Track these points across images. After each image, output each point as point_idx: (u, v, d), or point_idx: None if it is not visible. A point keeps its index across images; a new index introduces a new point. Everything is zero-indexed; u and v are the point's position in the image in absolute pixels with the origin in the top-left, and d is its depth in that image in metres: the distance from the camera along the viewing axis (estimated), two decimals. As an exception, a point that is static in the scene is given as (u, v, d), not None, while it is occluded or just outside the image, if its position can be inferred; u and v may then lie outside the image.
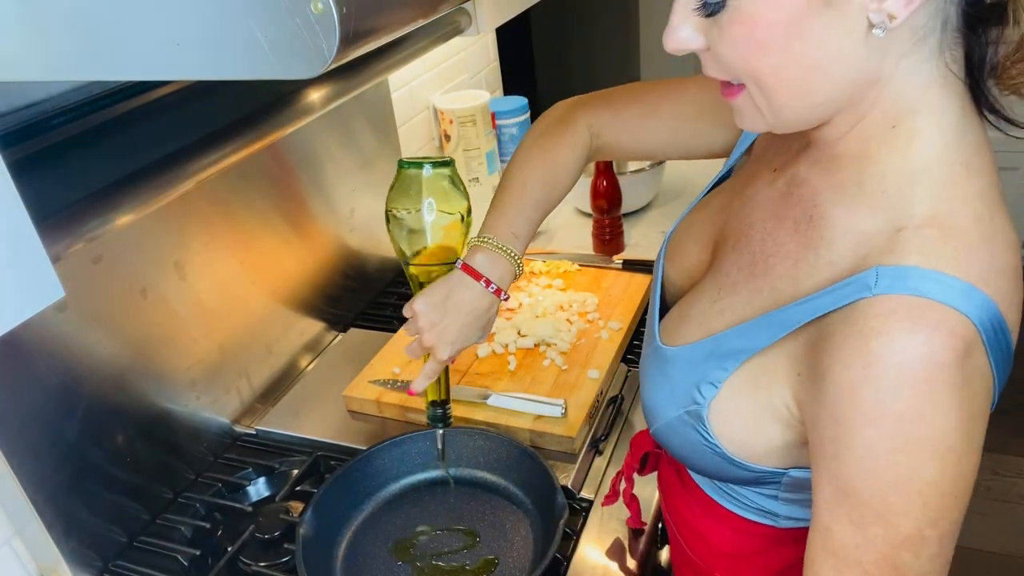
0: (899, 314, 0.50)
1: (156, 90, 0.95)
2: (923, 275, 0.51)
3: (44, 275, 0.54)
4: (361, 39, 0.49)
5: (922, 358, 0.49)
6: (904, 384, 0.50)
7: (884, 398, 0.50)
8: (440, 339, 0.85)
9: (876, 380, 0.50)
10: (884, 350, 0.50)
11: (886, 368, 0.50)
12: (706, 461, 0.67)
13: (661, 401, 0.69)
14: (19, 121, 0.80)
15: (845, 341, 0.52)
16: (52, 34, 0.52)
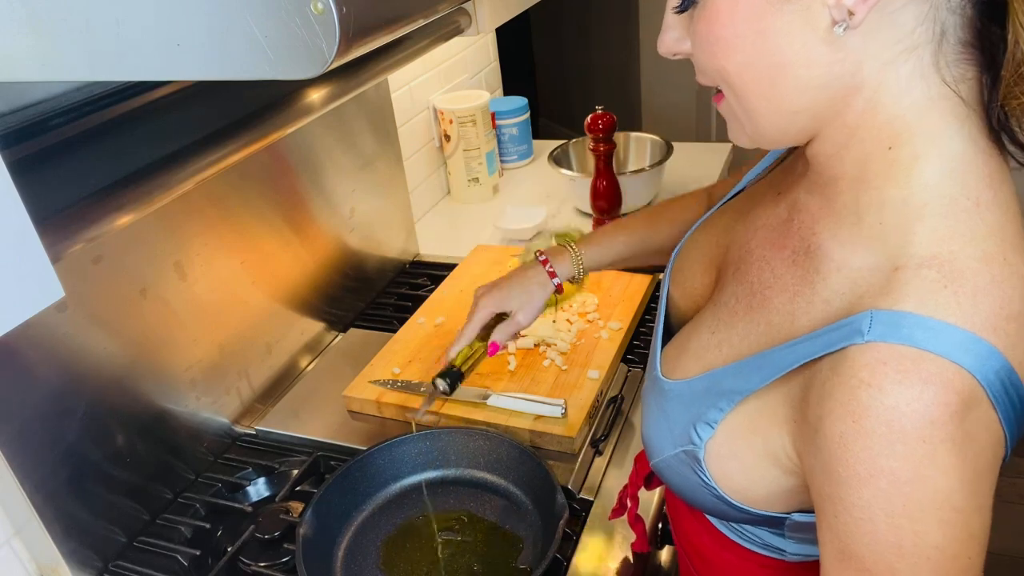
0: (890, 365, 0.47)
1: (156, 90, 0.95)
2: (918, 323, 0.47)
3: (44, 275, 0.54)
4: (361, 39, 0.48)
5: (914, 415, 0.46)
6: (896, 442, 0.46)
7: (877, 455, 0.47)
8: (488, 292, 1.00)
9: (867, 436, 0.47)
10: (874, 403, 0.47)
11: (876, 424, 0.47)
12: (706, 502, 0.64)
13: (659, 437, 0.67)
14: (19, 121, 0.80)
15: (834, 391, 0.49)
16: (52, 34, 0.52)
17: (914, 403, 0.46)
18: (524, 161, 2.02)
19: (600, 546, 0.91)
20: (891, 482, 0.47)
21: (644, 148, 1.82)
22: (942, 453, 0.46)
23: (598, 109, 1.45)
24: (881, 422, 0.46)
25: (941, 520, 0.47)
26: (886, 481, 0.47)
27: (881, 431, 0.46)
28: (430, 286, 1.46)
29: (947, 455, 0.46)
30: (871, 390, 0.47)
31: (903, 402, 0.46)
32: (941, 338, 0.46)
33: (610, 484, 1.00)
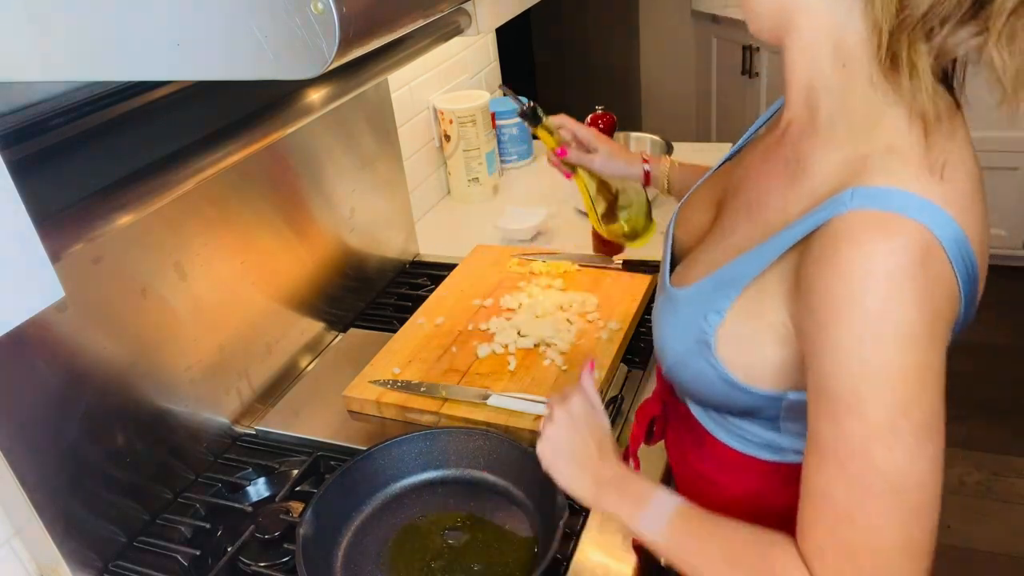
0: (867, 225, 0.56)
1: (156, 90, 0.95)
2: (889, 192, 0.57)
3: (44, 275, 0.54)
4: (361, 39, 0.49)
5: (885, 260, 0.55)
6: (869, 283, 0.55)
7: (853, 297, 0.55)
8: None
9: (846, 280, 0.56)
10: (852, 253, 0.56)
11: (853, 270, 0.55)
12: (714, 391, 0.70)
13: (673, 339, 0.73)
14: (19, 121, 0.80)
15: (823, 253, 0.58)
16: (52, 34, 0.52)
17: (886, 251, 0.55)
18: (524, 161, 2.02)
19: (600, 546, 0.91)
20: (862, 316, 0.55)
21: (644, 148, 1.81)
22: (906, 290, 0.55)
23: (598, 109, 1.45)
24: (857, 266, 0.55)
25: (901, 348, 0.55)
26: (858, 316, 0.55)
27: (857, 274, 0.55)
28: (430, 286, 1.46)
29: (910, 292, 0.55)
30: (851, 244, 0.56)
31: (877, 250, 0.55)
32: (908, 204, 0.56)
33: (610, 484, 1.00)
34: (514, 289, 1.37)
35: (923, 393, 0.56)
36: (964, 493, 2.12)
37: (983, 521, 2.04)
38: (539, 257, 1.45)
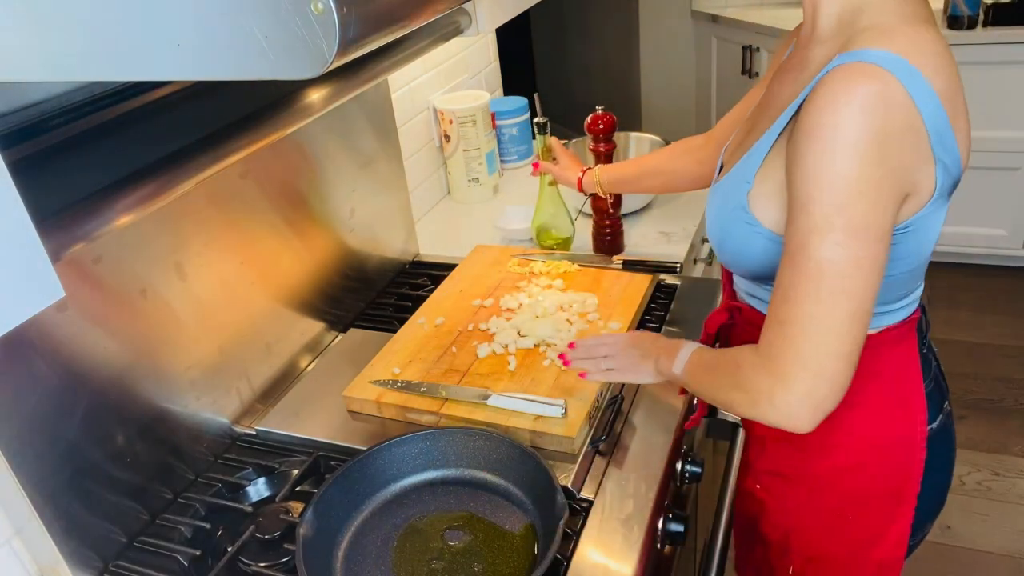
0: (842, 69, 0.69)
1: (156, 90, 0.95)
2: (864, 51, 0.69)
3: (44, 275, 0.54)
4: (361, 39, 0.49)
5: (847, 88, 0.67)
6: (830, 105, 0.68)
7: (823, 120, 0.68)
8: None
9: (825, 111, 0.68)
10: (825, 88, 0.69)
11: (834, 102, 0.68)
12: (755, 251, 0.83)
13: (718, 216, 0.87)
14: (19, 121, 0.80)
15: (812, 98, 0.70)
16: (52, 34, 0.52)
17: (850, 83, 0.68)
18: (524, 161, 2.02)
19: (600, 546, 0.91)
20: (828, 133, 0.68)
21: (644, 148, 1.82)
22: (867, 118, 0.67)
23: (598, 109, 1.45)
24: (828, 96, 0.68)
25: (846, 156, 0.67)
26: (826, 134, 0.68)
27: (825, 102, 0.68)
28: (430, 286, 1.46)
29: (870, 120, 0.67)
30: (827, 81, 0.69)
31: (843, 83, 0.68)
32: (883, 58, 0.68)
33: (610, 484, 1.00)
34: (514, 289, 1.37)
35: (859, 200, 0.68)
36: (964, 493, 2.12)
37: (983, 521, 2.04)
38: (539, 257, 1.45)
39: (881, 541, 0.94)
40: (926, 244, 0.80)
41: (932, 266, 0.95)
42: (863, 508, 0.93)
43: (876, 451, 0.90)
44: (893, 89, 0.67)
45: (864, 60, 0.68)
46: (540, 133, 1.44)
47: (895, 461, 0.90)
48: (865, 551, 0.95)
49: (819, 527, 0.97)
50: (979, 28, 2.63)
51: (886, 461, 0.90)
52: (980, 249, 2.96)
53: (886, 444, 0.89)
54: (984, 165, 2.78)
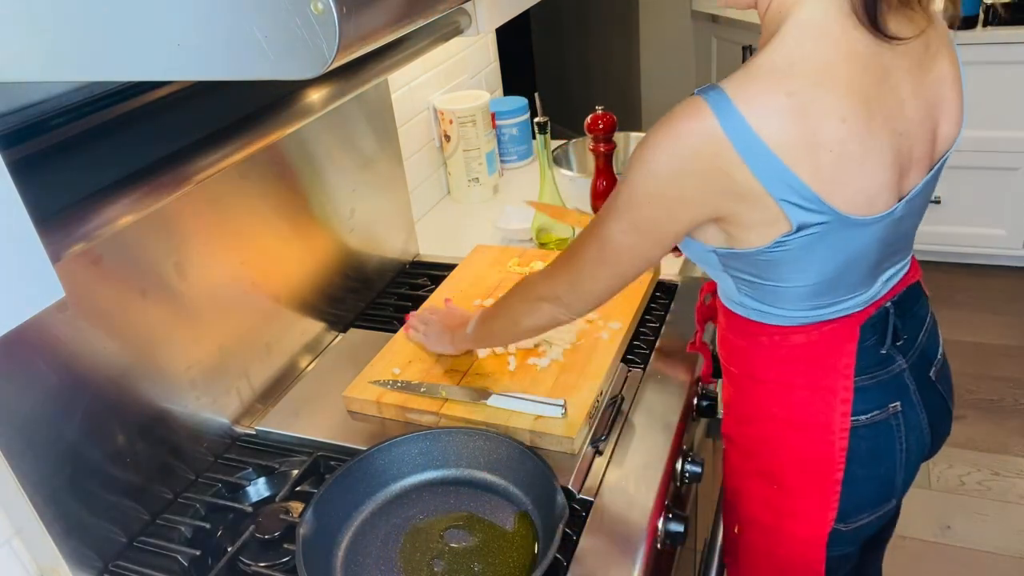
0: (688, 100, 0.77)
1: (156, 90, 0.95)
2: (715, 91, 0.76)
3: (44, 275, 0.54)
4: (361, 39, 0.49)
5: (674, 119, 0.77)
6: (663, 134, 0.78)
7: (649, 138, 0.80)
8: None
9: (655, 129, 0.79)
10: (671, 116, 0.78)
11: (663, 124, 0.79)
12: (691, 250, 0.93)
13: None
14: (19, 121, 0.80)
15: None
16: (52, 34, 0.52)
17: (684, 115, 0.77)
18: (524, 161, 2.02)
19: (600, 546, 0.91)
20: (648, 144, 0.80)
21: (644, 148, 1.81)
22: (675, 148, 0.78)
23: (598, 109, 1.45)
24: (667, 123, 0.78)
25: (644, 174, 0.81)
26: (647, 144, 0.80)
27: (664, 127, 0.79)
28: (430, 286, 1.46)
29: (676, 150, 0.78)
30: (676, 106, 0.78)
31: (682, 113, 0.77)
32: (722, 104, 0.75)
33: (610, 484, 1.00)
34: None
35: (647, 206, 0.82)
36: (964, 493, 2.12)
37: (983, 521, 2.04)
38: (539, 259, 1.45)
39: (801, 516, 0.99)
40: (823, 264, 0.84)
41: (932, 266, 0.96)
42: (783, 480, 0.99)
43: (788, 429, 0.96)
44: (710, 131, 0.75)
45: (705, 98, 0.76)
46: (540, 133, 1.44)
47: (810, 442, 0.95)
48: (786, 522, 1.01)
49: (753, 492, 1.04)
50: (979, 28, 2.64)
51: (801, 441, 0.95)
52: (980, 249, 2.96)
53: (798, 424, 0.95)
54: (984, 165, 2.78)
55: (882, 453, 0.96)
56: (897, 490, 1.00)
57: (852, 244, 0.84)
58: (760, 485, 1.02)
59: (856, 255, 0.86)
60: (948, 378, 1.06)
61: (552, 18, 4.26)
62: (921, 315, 1.00)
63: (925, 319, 1.00)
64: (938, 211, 2.91)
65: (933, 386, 1.00)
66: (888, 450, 0.96)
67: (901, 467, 0.98)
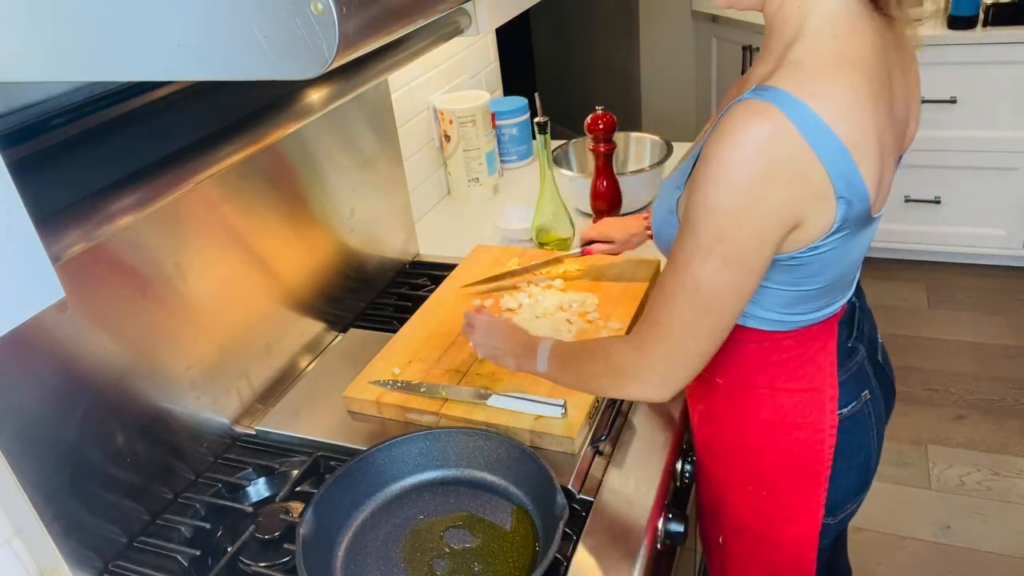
0: (743, 105, 0.73)
1: (156, 90, 0.95)
2: (771, 89, 0.73)
3: (44, 275, 0.54)
4: (361, 39, 0.49)
5: (741, 127, 0.72)
6: (724, 138, 0.73)
7: (719, 153, 0.73)
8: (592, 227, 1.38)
9: (720, 143, 0.73)
10: (725, 120, 0.73)
11: (721, 131, 0.73)
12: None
13: (656, 210, 0.95)
14: (19, 121, 0.80)
15: (716, 127, 0.75)
16: (52, 34, 0.52)
17: (744, 122, 0.72)
18: (524, 161, 2.02)
19: (600, 546, 0.91)
20: (716, 165, 0.74)
21: (644, 148, 1.82)
22: (746, 150, 0.72)
23: (598, 109, 1.45)
24: (724, 128, 0.73)
25: (725, 191, 0.73)
26: (714, 165, 0.74)
27: (721, 134, 0.73)
28: (430, 286, 1.46)
29: (747, 152, 0.72)
30: (734, 116, 0.73)
31: (739, 120, 0.72)
32: (783, 100, 0.72)
33: (610, 484, 1.00)
34: (514, 289, 1.37)
35: (737, 232, 0.74)
36: (964, 493, 2.12)
37: (983, 521, 2.04)
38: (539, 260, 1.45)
39: (795, 518, 1.00)
40: (837, 266, 0.84)
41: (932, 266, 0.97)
42: (775, 486, 0.99)
43: (783, 432, 0.96)
44: (784, 130, 0.71)
45: (765, 99, 0.72)
46: (540, 133, 1.44)
47: (803, 444, 0.95)
48: (780, 527, 1.02)
49: (739, 501, 1.03)
50: (979, 28, 2.63)
51: (794, 444, 0.96)
52: (980, 249, 2.96)
53: (793, 427, 0.95)
54: (984, 165, 2.78)
55: (861, 442, 0.98)
56: (872, 474, 1.03)
57: (862, 243, 0.85)
58: (747, 493, 1.01)
59: (858, 256, 0.87)
60: (888, 358, 1.09)
61: (552, 18, 4.26)
62: (865, 305, 1.03)
63: (866, 308, 1.04)
64: (938, 211, 2.91)
65: (882, 368, 1.03)
66: (866, 438, 0.98)
67: (875, 453, 1.01)
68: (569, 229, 1.54)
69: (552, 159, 1.53)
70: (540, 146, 1.45)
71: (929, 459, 2.22)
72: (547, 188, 1.49)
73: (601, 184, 1.50)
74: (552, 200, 1.51)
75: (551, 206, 1.51)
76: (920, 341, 2.66)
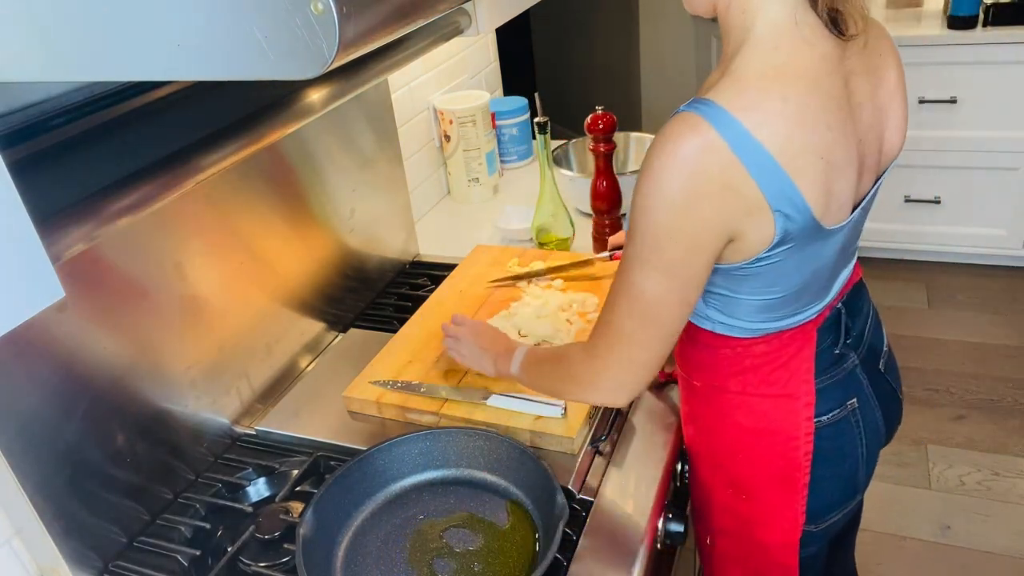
0: (678, 117, 0.74)
1: (156, 90, 0.95)
2: (706, 102, 0.73)
3: (44, 275, 0.54)
4: (361, 39, 0.49)
5: (672, 139, 0.73)
6: (663, 158, 0.74)
7: (650, 166, 0.75)
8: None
9: (652, 155, 0.75)
10: (663, 138, 0.74)
11: (659, 148, 0.74)
12: None
13: None
14: (19, 121, 0.80)
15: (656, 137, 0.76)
16: (52, 34, 0.52)
17: (674, 134, 0.73)
18: (524, 161, 2.02)
19: (600, 546, 0.91)
20: (648, 180, 0.75)
21: (644, 148, 1.82)
22: (681, 171, 0.73)
23: (598, 109, 1.45)
24: (661, 145, 0.74)
25: (661, 207, 0.75)
26: (647, 179, 0.75)
27: (659, 150, 0.74)
28: (430, 286, 1.46)
29: (684, 173, 0.73)
30: (665, 131, 0.75)
31: (669, 132, 0.74)
32: (715, 114, 0.72)
33: (610, 484, 1.00)
34: (514, 288, 1.37)
35: (671, 244, 0.76)
36: (964, 493, 2.12)
37: (983, 521, 2.04)
38: (539, 260, 1.45)
39: (772, 523, 1.00)
40: (795, 276, 0.84)
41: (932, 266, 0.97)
42: (751, 490, 0.99)
43: (755, 437, 0.95)
44: (714, 145, 0.72)
45: (699, 112, 0.73)
46: (540, 133, 1.44)
47: (776, 450, 0.95)
48: (759, 531, 1.01)
49: (722, 503, 1.03)
50: (979, 28, 2.63)
51: (768, 449, 0.95)
52: (980, 249, 2.96)
53: (765, 432, 0.94)
54: (984, 165, 2.78)
55: (844, 451, 0.97)
56: (860, 485, 1.01)
57: (820, 253, 0.83)
58: (728, 496, 1.02)
59: (821, 265, 0.85)
60: (896, 368, 1.07)
61: (552, 18, 4.26)
62: (865, 311, 1.01)
63: (869, 314, 1.02)
64: (938, 211, 2.91)
65: (883, 378, 1.02)
66: (850, 447, 0.97)
67: (863, 462, 0.99)
68: (569, 229, 1.54)
69: (552, 159, 1.53)
70: (540, 146, 1.45)
71: (929, 459, 2.22)
72: (547, 188, 1.49)
73: (601, 184, 1.50)
74: (552, 200, 1.51)
75: (551, 206, 1.51)
76: (920, 341, 2.66)
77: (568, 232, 1.54)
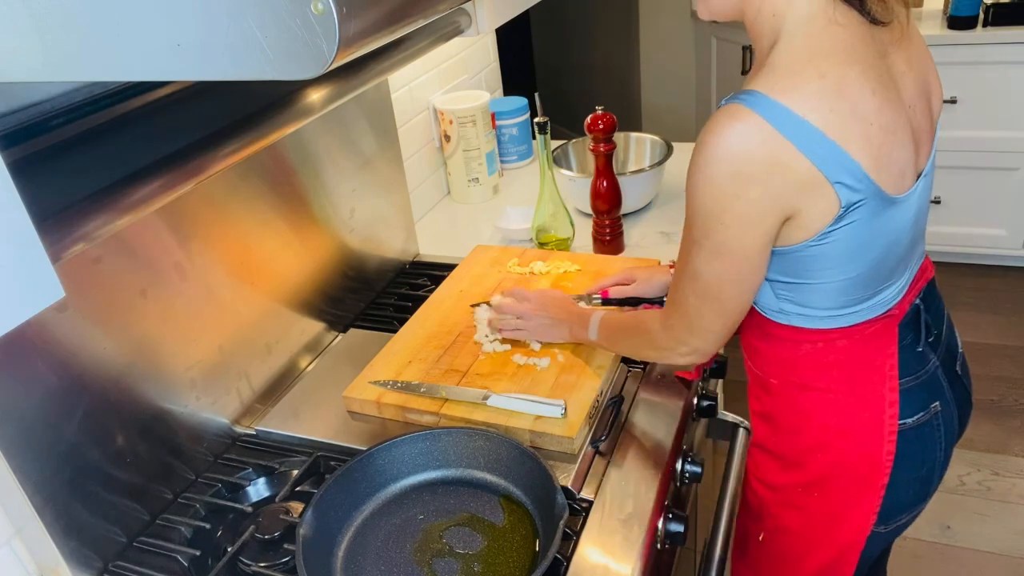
0: (720, 111, 0.78)
1: (156, 90, 0.95)
2: (747, 93, 0.77)
3: (44, 275, 0.55)
4: (361, 39, 0.49)
5: (715, 129, 0.77)
6: (711, 147, 0.77)
7: (701, 154, 0.78)
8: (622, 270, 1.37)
9: (702, 143, 0.78)
10: (710, 127, 0.78)
11: (707, 136, 0.78)
12: None
13: None
14: (19, 121, 0.80)
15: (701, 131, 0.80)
16: (52, 34, 0.52)
17: (724, 126, 0.76)
18: (524, 161, 2.02)
19: (600, 546, 0.91)
20: (697, 167, 0.79)
21: (644, 148, 1.82)
22: (727, 158, 0.77)
23: (598, 109, 1.45)
24: (710, 134, 0.78)
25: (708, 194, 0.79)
26: (697, 167, 0.79)
27: (708, 139, 0.78)
28: (430, 286, 1.46)
29: (729, 161, 0.77)
30: (711, 121, 0.78)
31: (719, 124, 0.77)
32: (756, 99, 0.76)
33: (610, 484, 1.00)
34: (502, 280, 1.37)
35: (719, 228, 0.80)
36: (964, 493, 2.12)
37: (983, 521, 2.04)
38: (540, 259, 1.45)
39: (842, 522, 0.99)
40: (869, 251, 0.84)
41: (932, 266, 0.98)
42: (826, 488, 0.98)
43: (839, 436, 0.95)
44: (758, 128, 0.75)
45: (740, 101, 0.76)
46: (540, 133, 1.44)
47: (859, 448, 0.94)
48: (825, 529, 1.00)
49: (787, 501, 1.02)
50: (979, 28, 2.63)
51: (850, 447, 0.95)
52: (980, 249, 2.96)
53: (849, 431, 0.94)
54: (984, 165, 2.78)
55: (926, 455, 0.96)
56: (933, 488, 1.00)
57: (890, 226, 0.84)
58: (798, 493, 1.00)
59: (894, 239, 0.86)
60: (968, 371, 1.07)
61: (552, 18, 4.26)
62: (942, 311, 1.01)
63: (945, 314, 1.02)
64: (938, 211, 2.91)
65: (960, 380, 1.01)
66: (931, 451, 0.96)
67: (940, 466, 0.99)
68: (569, 229, 1.54)
69: (552, 159, 1.53)
70: (540, 146, 1.45)
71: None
72: (547, 188, 1.49)
73: (601, 184, 1.50)
74: (552, 200, 1.51)
75: (551, 206, 1.52)
76: (920, 341, 2.66)
77: (568, 232, 1.54)
